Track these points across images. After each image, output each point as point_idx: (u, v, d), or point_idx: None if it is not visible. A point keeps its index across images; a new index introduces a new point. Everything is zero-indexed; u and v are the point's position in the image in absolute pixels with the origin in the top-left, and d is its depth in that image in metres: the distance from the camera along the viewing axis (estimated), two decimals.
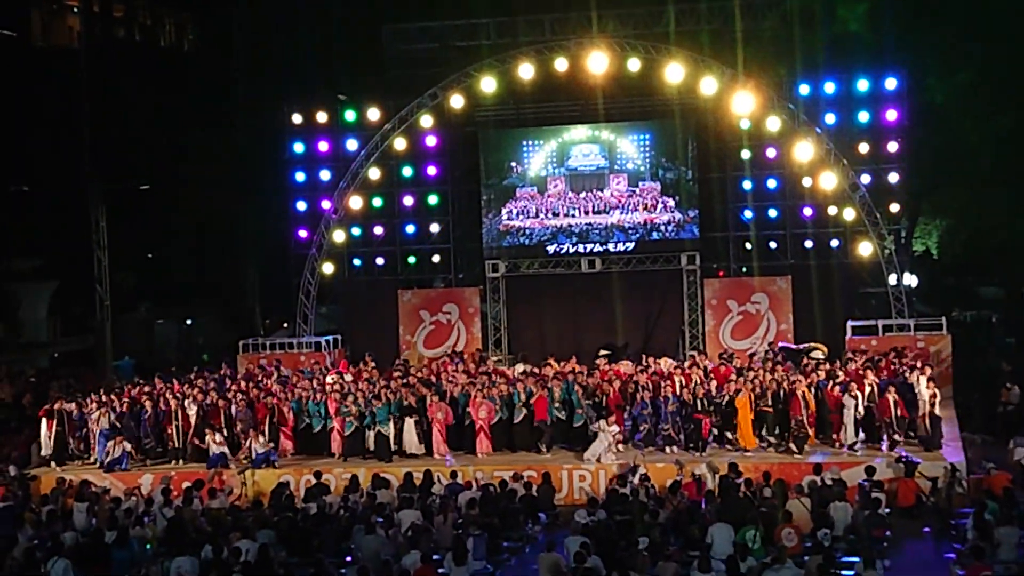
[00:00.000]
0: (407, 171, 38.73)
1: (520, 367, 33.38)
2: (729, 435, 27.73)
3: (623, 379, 30.09)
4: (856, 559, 18.47)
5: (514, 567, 21.62)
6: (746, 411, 27.36)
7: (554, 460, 27.64)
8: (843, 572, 18.17)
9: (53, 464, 29.38)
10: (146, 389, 31.34)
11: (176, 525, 22.68)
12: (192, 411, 29.37)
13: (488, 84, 35.98)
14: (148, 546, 22.01)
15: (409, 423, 28.60)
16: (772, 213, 36.96)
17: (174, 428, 29.16)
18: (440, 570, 19.32)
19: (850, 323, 34.38)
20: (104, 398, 30.43)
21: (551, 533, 22.33)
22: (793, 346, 33.75)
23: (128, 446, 28.92)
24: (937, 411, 27.07)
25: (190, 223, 52.89)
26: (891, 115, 35.46)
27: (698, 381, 28.78)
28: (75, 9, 57.60)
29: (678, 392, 28.28)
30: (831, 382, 27.72)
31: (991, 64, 39.30)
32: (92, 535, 22.16)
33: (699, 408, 27.76)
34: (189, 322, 57.79)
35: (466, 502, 23.39)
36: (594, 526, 21.05)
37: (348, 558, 20.86)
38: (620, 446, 27.57)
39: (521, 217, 38.07)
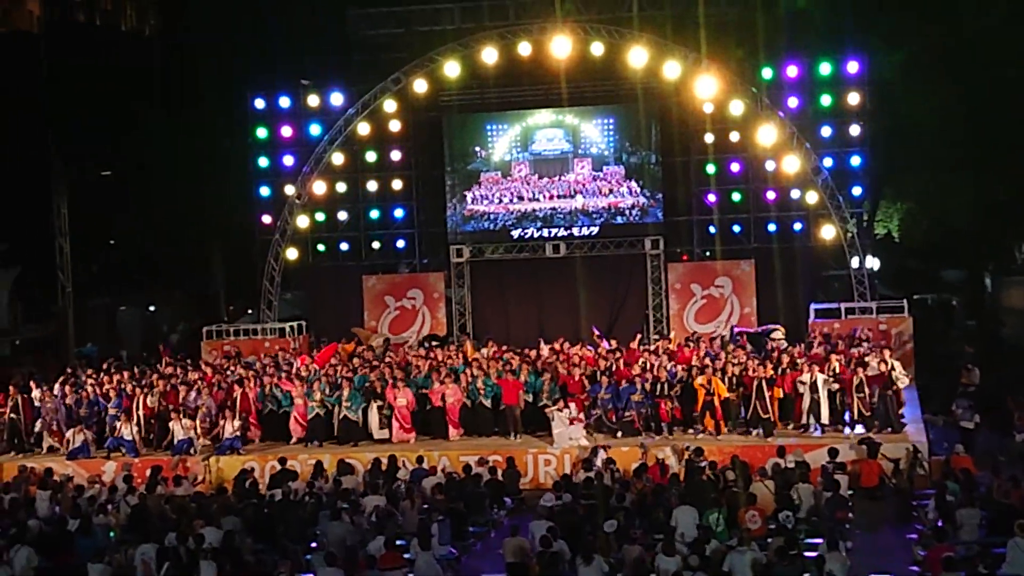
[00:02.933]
0: (371, 156, 38.59)
1: (485, 351, 33.40)
2: (689, 418, 27.83)
3: (589, 364, 30.13)
4: (819, 541, 18.60)
5: (479, 552, 21.68)
6: (703, 394, 27.47)
7: (520, 445, 27.67)
8: (806, 554, 18.28)
9: (13, 452, 29.24)
10: (105, 378, 31.18)
11: (140, 512, 22.62)
12: (153, 400, 29.26)
13: (452, 69, 35.91)
14: (112, 533, 21.94)
15: (373, 408, 28.61)
16: (735, 197, 37.04)
17: (135, 416, 29.00)
18: (406, 555, 19.34)
19: (813, 306, 34.59)
20: (64, 386, 30.30)
21: (516, 517, 22.39)
22: (751, 330, 33.88)
23: (89, 435, 28.76)
24: (899, 392, 27.25)
25: (153, 209, 52.48)
26: (853, 98, 35.60)
27: (657, 365, 28.89)
28: None
29: (641, 373, 28.37)
30: (791, 366, 27.90)
31: (928, 38, 39.44)
32: (55, 523, 22.09)
33: (658, 392, 27.86)
34: (152, 309, 57.46)
35: (431, 487, 23.41)
36: (559, 510, 21.13)
37: (314, 544, 20.86)
38: (585, 430, 27.64)
39: (485, 202, 38.05)
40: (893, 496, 23.98)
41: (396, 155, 38.66)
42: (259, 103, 38.87)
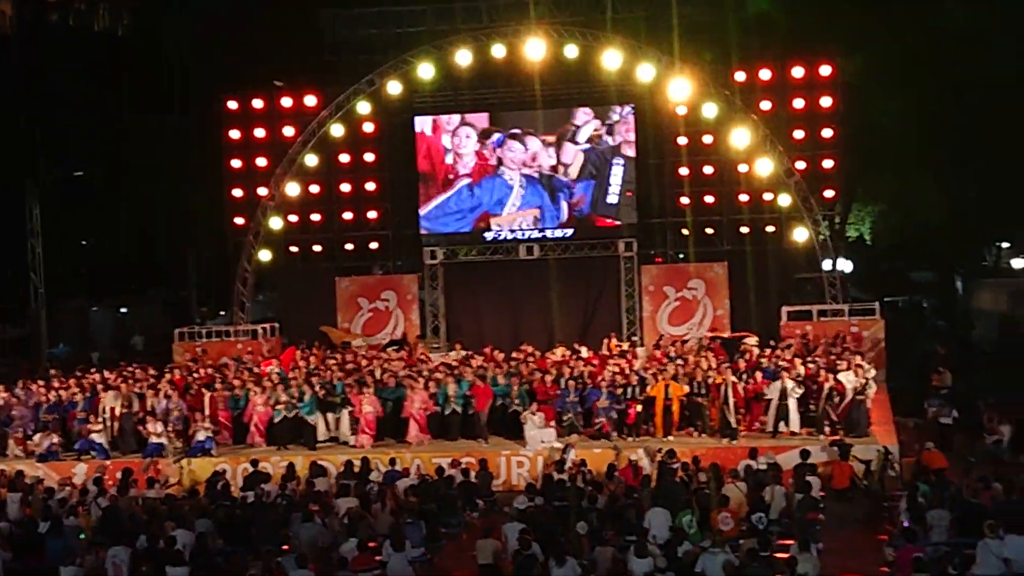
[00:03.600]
0: (344, 158, 38.47)
1: (453, 355, 33.44)
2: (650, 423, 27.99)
3: (555, 367, 30.16)
4: (791, 542, 18.65)
5: (452, 553, 21.67)
6: (660, 400, 27.58)
7: (492, 447, 27.70)
8: (777, 555, 18.34)
9: None
10: (73, 380, 31.09)
11: (111, 514, 22.52)
12: (118, 403, 29.19)
13: (426, 70, 35.92)
14: (82, 535, 21.83)
15: (344, 414, 28.66)
16: (709, 199, 37.03)
17: (103, 419, 28.91)
18: (378, 557, 19.31)
19: (785, 308, 34.69)
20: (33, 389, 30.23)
21: (489, 519, 22.39)
22: (725, 335, 33.97)
23: (56, 438, 28.66)
24: (865, 399, 27.33)
25: (126, 211, 52.29)
26: (825, 101, 35.72)
27: (626, 369, 29.08)
28: None
29: (609, 378, 28.52)
30: (757, 371, 28.10)
31: (894, 40, 39.70)
32: (25, 525, 21.97)
33: (628, 395, 27.97)
34: (124, 310, 57.28)
35: (404, 489, 23.39)
36: (532, 512, 21.14)
37: (286, 546, 20.79)
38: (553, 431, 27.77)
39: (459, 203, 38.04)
40: (864, 498, 24.11)
41: (370, 156, 38.58)
42: (232, 104, 38.73)
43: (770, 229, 36.78)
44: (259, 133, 38.49)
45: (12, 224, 44.60)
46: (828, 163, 35.98)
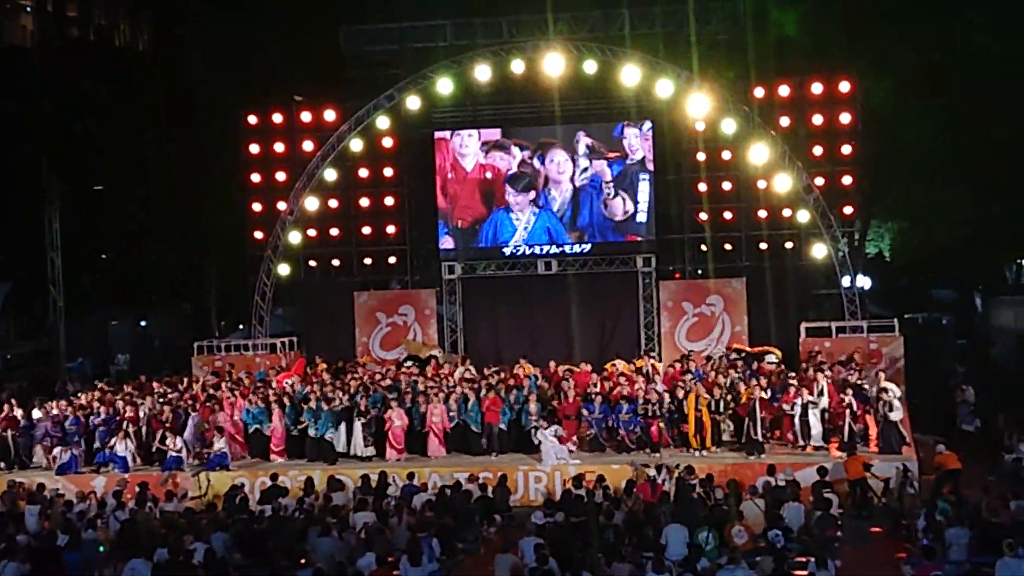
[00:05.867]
0: (363, 172, 38.50)
1: (460, 370, 33.50)
2: (679, 437, 27.99)
3: (582, 385, 30.19)
4: (809, 559, 18.62)
5: (469, 568, 21.67)
6: (693, 413, 27.62)
7: (510, 462, 27.72)
8: (796, 572, 18.30)
9: (2, 465, 29.31)
10: (95, 393, 31.26)
11: (129, 527, 22.60)
12: (138, 416, 29.38)
13: (445, 86, 35.94)
14: (101, 548, 21.91)
15: (357, 426, 28.72)
16: (727, 215, 36.98)
17: (128, 432, 29.05)
18: (395, 572, 19.35)
19: (804, 325, 34.58)
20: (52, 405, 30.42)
21: (506, 534, 22.39)
22: (747, 349, 33.92)
23: (76, 451, 28.81)
24: (894, 417, 27.33)
25: (146, 224, 52.56)
26: (844, 118, 35.65)
27: (647, 386, 29.17)
28: (28, 9, 57.21)
29: (632, 393, 28.58)
30: (786, 386, 28.09)
31: (917, 59, 39.74)
32: (44, 538, 22.06)
33: (649, 412, 27.99)
34: (144, 323, 57.46)
35: (421, 504, 23.42)
36: (550, 527, 21.14)
37: (303, 560, 20.83)
38: (573, 448, 27.87)
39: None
40: (883, 515, 24.07)
41: (388, 171, 38.62)
42: (252, 119, 38.80)
43: (789, 245, 36.68)
44: (279, 147, 38.56)
45: (32, 237, 44.78)
46: (847, 179, 35.89)
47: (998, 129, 39.73)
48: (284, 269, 38.40)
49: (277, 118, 38.68)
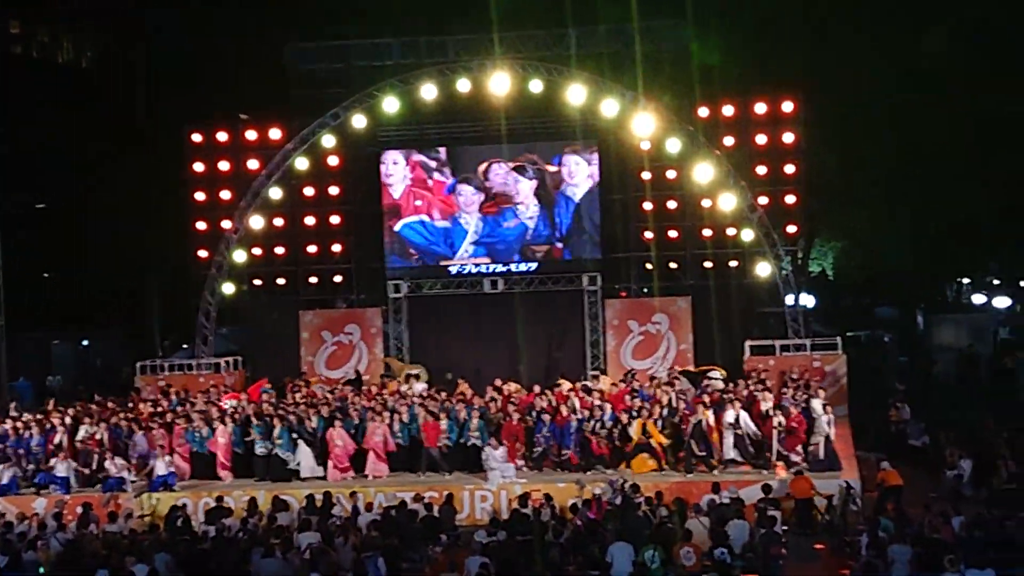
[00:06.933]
0: (309, 191, 38.40)
1: (418, 387, 33.45)
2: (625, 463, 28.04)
3: (523, 405, 30.16)
4: None
5: None
6: (638, 436, 27.72)
7: (456, 480, 27.68)
8: None
9: None
10: (36, 416, 30.93)
11: (70, 549, 22.34)
12: (79, 436, 29.10)
13: (391, 104, 35.92)
14: (41, 569, 21.65)
15: (303, 447, 28.62)
16: (672, 234, 37.19)
17: (65, 454, 28.74)
18: None
19: (748, 342, 34.80)
20: None
21: (452, 553, 22.33)
22: (692, 369, 34.07)
23: (17, 471, 28.47)
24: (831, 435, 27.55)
25: (88, 243, 52.02)
26: (788, 138, 36.01)
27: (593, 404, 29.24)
28: None
29: (575, 413, 28.68)
30: (718, 405, 28.30)
31: (848, 82, 40.20)
32: None
33: (592, 430, 28.07)
34: (86, 343, 56.83)
35: (366, 524, 23.31)
36: (494, 546, 21.09)
37: None
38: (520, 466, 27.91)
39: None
40: (826, 532, 24.21)
41: (334, 190, 38.54)
42: (196, 137, 38.66)
43: (733, 264, 36.93)
44: (223, 166, 38.42)
45: None
46: (790, 199, 36.20)
47: (940, 149, 40.19)
48: (229, 288, 38.20)
49: (222, 136, 38.57)
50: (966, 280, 58.67)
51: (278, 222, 38.36)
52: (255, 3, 48.08)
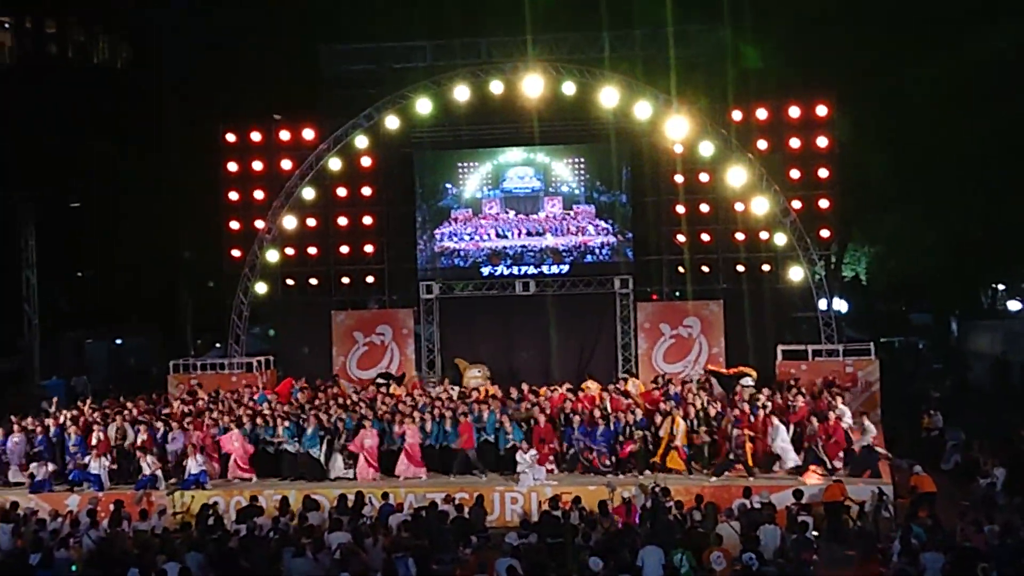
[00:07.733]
0: (342, 191, 38.53)
1: (440, 389, 33.48)
2: (656, 459, 27.93)
3: (554, 406, 30.09)
4: None
5: None
6: (667, 439, 27.64)
7: (487, 482, 27.65)
8: None
9: None
10: (72, 413, 31.08)
11: (102, 547, 22.44)
12: (113, 435, 29.20)
13: (424, 106, 35.93)
14: (73, 567, 21.75)
15: (333, 446, 28.67)
16: (705, 237, 37.14)
17: (98, 451, 28.86)
18: None
19: (780, 347, 34.64)
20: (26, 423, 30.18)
21: (482, 555, 22.31)
22: (723, 371, 33.93)
23: (51, 467, 28.63)
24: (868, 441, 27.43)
25: (122, 242, 52.34)
26: (822, 142, 35.84)
27: (625, 407, 29.14)
28: (6, 25, 57.03)
29: (606, 414, 28.59)
30: (761, 410, 28.12)
31: (886, 87, 40.02)
32: (16, 556, 21.87)
33: (625, 433, 27.99)
34: (119, 342, 57.18)
35: (397, 524, 23.32)
36: (525, 548, 21.06)
37: None
38: (551, 468, 27.83)
39: (455, 239, 38.09)
40: (858, 538, 24.07)
41: (367, 191, 38.66)
42: (230, 137, 38.77)
43: (766, 268, 36.81)
44: (257, 166, 38.54)
45: (7, 254, 44.53)
46: (824, 203, 36.03)
47: (976, 154, 39.98)
48: (261, 288, 38.28)
49: (256, 136, 38.67)
50: (1001, 286, 58.27)
51: (311, 222, 38.44)
52: (289, 4, 48.29)
